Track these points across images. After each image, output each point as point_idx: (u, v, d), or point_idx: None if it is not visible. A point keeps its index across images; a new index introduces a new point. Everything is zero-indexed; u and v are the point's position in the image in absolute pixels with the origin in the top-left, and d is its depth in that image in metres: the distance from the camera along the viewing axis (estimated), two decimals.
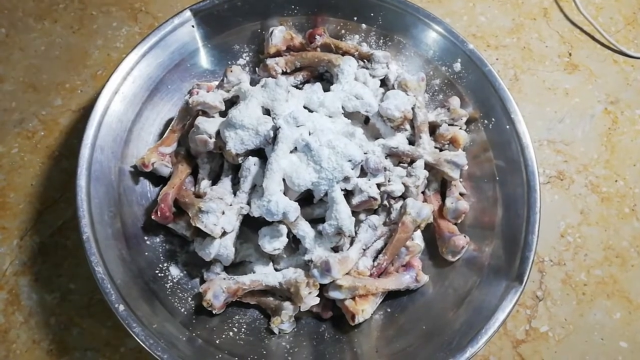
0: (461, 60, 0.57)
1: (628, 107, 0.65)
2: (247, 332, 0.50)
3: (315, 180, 0.48)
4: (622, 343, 0.54)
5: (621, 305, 0.56)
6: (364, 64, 0.58)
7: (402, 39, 0.59)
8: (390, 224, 0.53)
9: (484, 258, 0.51)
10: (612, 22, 0.70)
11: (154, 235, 0.53)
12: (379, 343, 0.50)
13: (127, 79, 0.53)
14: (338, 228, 0.49)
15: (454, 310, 0.49)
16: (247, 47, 0.61)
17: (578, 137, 0.63)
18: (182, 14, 0.56)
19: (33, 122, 0.61)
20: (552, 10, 0.70)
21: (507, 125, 0.54)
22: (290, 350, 0.49)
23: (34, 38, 0.65)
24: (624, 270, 0.57)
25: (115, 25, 0.66)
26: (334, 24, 0.60)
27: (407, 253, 0.52)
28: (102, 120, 0.51)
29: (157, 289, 0.50)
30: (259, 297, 0.51)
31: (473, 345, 0.45)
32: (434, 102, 0.60)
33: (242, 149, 0.51)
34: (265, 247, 0.49)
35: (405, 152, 0.54)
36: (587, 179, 0.61)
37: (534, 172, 0.51)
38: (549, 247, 0.58)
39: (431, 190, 0.56)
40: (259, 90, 0.53)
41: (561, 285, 0.57)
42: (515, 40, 0.68)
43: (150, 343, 0.44)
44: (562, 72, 0.67)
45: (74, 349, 0.52)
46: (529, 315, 0.55)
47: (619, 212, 0.60)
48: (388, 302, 0.53)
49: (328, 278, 0.48)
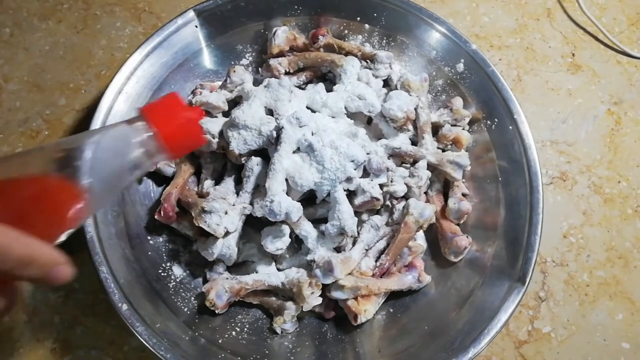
0: (464, 60, 0.57)
1: (631, 107, 0.65)
2: (249, 332, 0.51)
3: (318, 181, 0.49)
4: (624, 344, 0.54)
5: (624, 307, 0.56)
6: (367, 64, 0.58)
7: (405, 39, 0.59)
8: (393, 224, 0.53)
9: (486, 259, 0.51)
10: (616, 22, 0.70)
11: (157, 235, 0.53)
12: (382, 343, 0.50)
13: (130, 78, 0.53)
14: (340, 228, 0.49)
15: (456, 311, 0.49)
16: (250, 47, 0.61)
17: (581, 138, 0.63)
18: (186, 14, 0.56)
19: (37, 121, 0.61)
20: (555, 10, 0.70)
21: (510, 126, 0.54)
22: (293, 350, 0.50)
23: (38, 38, 0.65)
24: (626, 271, 0.57)
25: (119, 25, 0.67)
26: (337, 24, 0.60)
27: (409, 253, 0.52)
28: (106, 120, 0.51)
29: (160, 289, 0.50)
30: (261, 297, 0.51)
31: (475, 346, 0.45)
32: (436, 102, 0.60)
33: (245, 149, 0.51)
34: (267, 247, 0.49)
35: (407, 152, 0.54)
36: (590, 179, 0.61)
37: (536, 173, 0.51)
38: (551, 247, 0.58)
39: (434, 190, 0.56)
40: (262, 90, 0.53)
41: (564, 286, 0.57)
42: (519, 41, 0.68)
43: (154, 342, 0.44)
44: (565, 72, 0.67)
45: (78, 348, 0.52)
46: (532, 316, 0.55)
47: (622, 213, 0.60)
48: (390, 303, 0.53)
49: (330, 278, 0.48)
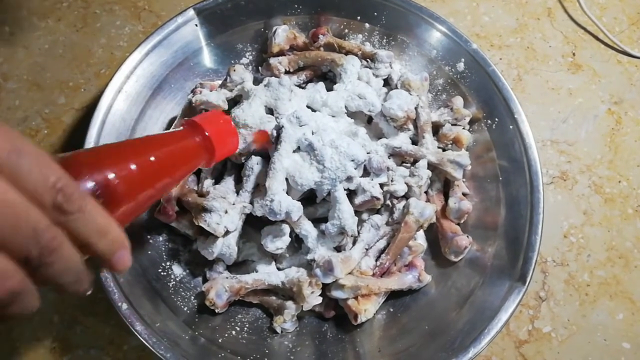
0: (464, 60, 0.57)
1: (632, 107, 0.65)
2: (249, 331, 0.51)
3: (318, 180, 0.48)
4: (625, 344, 0.54)
5: (624, 306, 0.56)
6: (367, 63, 0.58)
7: (405, 39, 0.59)
8: (393, 223, 0.53)
9: (486, 258, 0.51)
10: (616, 22, 0.70)
11: (156, 234, 0.53)
12: (382, 343, 0.50)
13: (130, 77, 0.53)
14: (341, 228, 0.49)
15: (456, 310, 0.49)
16: (250, 46, 0.61)
17: (581, 138, 0.63)
18: (186, 13, 0.56)
19: (36, 120, 0.61)
20: (556, 10, 0.70)
21: (510, 125, 0.54)
22: (293, 349, 0.49)
23: (37, 36, 0.65)
24: (627, 271, 0.57)
25: (118, 24, 0.66)
26: (337, 24, 0.60)
27: (409, 253, 0.52)
28: (106, 119, 0.51)
29: (160, 288, 0.50)
30: (261, 296, 0.51)
31: (476, 346, 0.45)
32: (437, 101, 0.60)
33: (245, 148, 0.51)
34: (267, 246, 0.49)
35: (408, 151, 0.54)
36: (590, 179, 0.61)
37: (537, 173, 0.51)
38: (552, 247, 0.58)
39: (434, 190, 0.56)
40: (262, 89, 0.53)
41: (564, 285, 0.56)
42: (519, 40, 0.68)
43: (153, 342, 0.44)
44: (565, 72, 0.67)
45: (77, 347, 0.52)
46: (532, 316, 0.55)
47: (623, 213, 0.60)
48: (390, 302, 0.53)
49: (330, 277, 0.48)
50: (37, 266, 0.24)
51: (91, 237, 0.27)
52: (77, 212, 0.26)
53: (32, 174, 0.24)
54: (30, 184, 0.24)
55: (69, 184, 0.25)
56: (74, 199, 0.25)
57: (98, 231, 0.27)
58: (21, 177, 0.24)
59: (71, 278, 0.26)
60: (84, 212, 0.26)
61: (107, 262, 0.29)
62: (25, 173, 0.24)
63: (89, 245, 0.27)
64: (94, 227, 0.27)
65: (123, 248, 0.29)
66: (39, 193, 0.24)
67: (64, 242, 0.25)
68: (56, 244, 0.25)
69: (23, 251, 0.24)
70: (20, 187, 0.23)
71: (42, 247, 0.24)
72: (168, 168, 0.35)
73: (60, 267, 0.25)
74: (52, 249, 0.24)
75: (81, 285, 0.27)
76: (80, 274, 0.27)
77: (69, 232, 0.26)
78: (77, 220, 0.26)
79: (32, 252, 0.24)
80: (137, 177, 0.31)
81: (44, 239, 0.24)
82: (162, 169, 0.34)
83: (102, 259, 0.28)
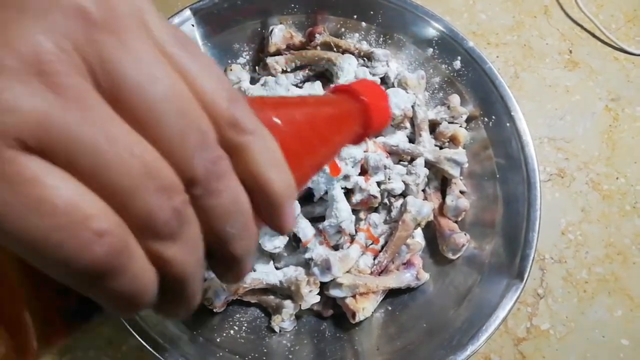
0: (461, 58, 0.57)
1: (629, 104, 0.65)
2: (248, 331, 0.51)
3: (315, 179, 0.48)
4: (623, 340, 0.54)
5: (622, 303, 0.56)
6: (364, 62, 0.58)
7: (402, 37, 0.59)
8: (391, 222, 0.53)
9: (484, 256, 0.51)
10: (613, 19, 0.70)
11: None
12: (380, 341, 0.50)
13: None
14: (338, 226, 0.49)
15: (454, 308, 0.49)
16: (247, 45, 0.61)
17: (579, 135, 0.63)
18: (182, 13, 0.56)
19: None
20: (552, 7, 0.70)
21: (507, 123, 0.54)
22: (291, 348, 0.49)
23: None
24: (625, 267, 0.57)
25: None
26: (334, 22, 0.60)
27: (407, 251, 0.52)
28: None
29: None
30: (259, 295, 0.51)
31: (474, 343, 0.45)
32: (434, 100, 0.60)
33: None
34: (265, 245, 0.49)
35: (405, 150, 0.54)
36: (588, 176, 0.61)
37: (534, 170, 0.51)
38: (549, 244, 0.58)
39: (431, 188, 0.56)
40: (259, 89, 0.53)
41: (562, 282, 0.56)
42: (516, 38, 0.68)
43: (152, 342, 0.44)
44: (562, 69, 0.67)
45: (76, 348, 0.52)
46: (530, 313, 0.55)
47: (620, 210, 0.60)
48: (389, 300, 0.53)
49: (328, 276, 0.48)
50: (200, 195, 0.17)
51: (267, 169, 0.19)
52: (254, 134, 0.18)
53: (205, 76, 0.18)
54: (204, 86, 0.17)
55: (243, 100, 0.19)
56: (252, 117, 0.19)
57: (276, 162, 0.19)
58: (190, 74, 0.17)
59: (236, 228, 0.18)
60: (261, 136, 0.19)
61: (278, 211, 0.20)
62: (196, 71, 0.17)
63: (261, 182, 0.19)
64: (272, 157, 0.19)
65: (294, 197, 0.20)
66: (212, 99, 0.17)
67: (231, 170, 0.18)
68: (225, 167, 0.18)
69: (189, 162, 0.16)
70: (189, 85, 0.17)
71: (208, 166, 0.17)
72: (329, 127, 0.28)
73: (228, 202, 0.18)
74: (220, 173, 0.17)
75: (246, 252, 0.19)
76: (248, 224, 0.19)
77: (238, 159, 0.18)
78: (252, 143, 0.18)
79: (198, 168, 0.17)
80: (303, 130, 0.26)
81: (211, 154, 0.17)
82: (324, 127, 0.28)
83: (273, 205, 0.19)
